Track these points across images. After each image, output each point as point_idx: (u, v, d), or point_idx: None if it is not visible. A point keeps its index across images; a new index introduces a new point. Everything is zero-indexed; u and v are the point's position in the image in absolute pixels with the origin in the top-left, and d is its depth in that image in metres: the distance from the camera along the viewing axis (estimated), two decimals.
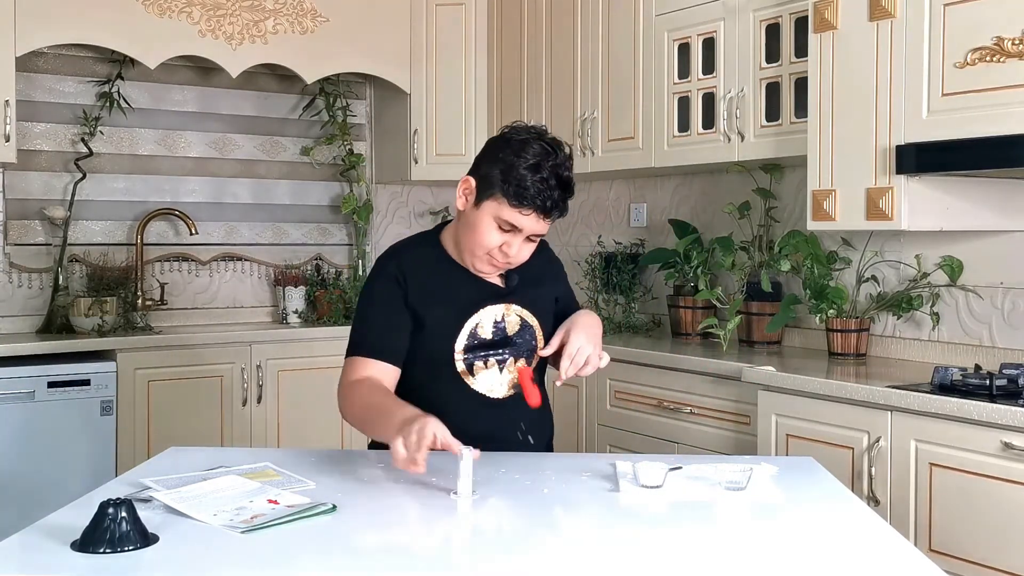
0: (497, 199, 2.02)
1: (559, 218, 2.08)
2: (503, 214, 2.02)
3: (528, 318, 2.17)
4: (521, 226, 2.03)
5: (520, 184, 1.99)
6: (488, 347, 2.12)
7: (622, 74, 3.94)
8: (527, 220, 2.02)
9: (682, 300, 3.89)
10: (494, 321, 2.13)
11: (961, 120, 2.66)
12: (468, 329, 2.11)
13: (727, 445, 3.16)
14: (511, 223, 2.03)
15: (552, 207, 2.01)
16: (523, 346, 2.15)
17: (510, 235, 2.05)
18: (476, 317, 2.12)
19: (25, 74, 4.17)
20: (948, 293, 3.21)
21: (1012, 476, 2.39)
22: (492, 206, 2.03)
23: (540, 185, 1.99)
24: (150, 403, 3.93)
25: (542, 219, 2.03)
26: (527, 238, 2.06)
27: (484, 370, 2.12)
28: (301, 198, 4.91)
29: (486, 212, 2.04)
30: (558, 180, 2.01)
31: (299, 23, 4.45)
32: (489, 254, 2.07)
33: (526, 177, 2.00)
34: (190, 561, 1.49)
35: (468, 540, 1.68)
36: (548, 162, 2.01)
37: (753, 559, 1.55)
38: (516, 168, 2.00)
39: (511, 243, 2.05)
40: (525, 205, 2.00)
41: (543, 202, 2.00)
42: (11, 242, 4.24)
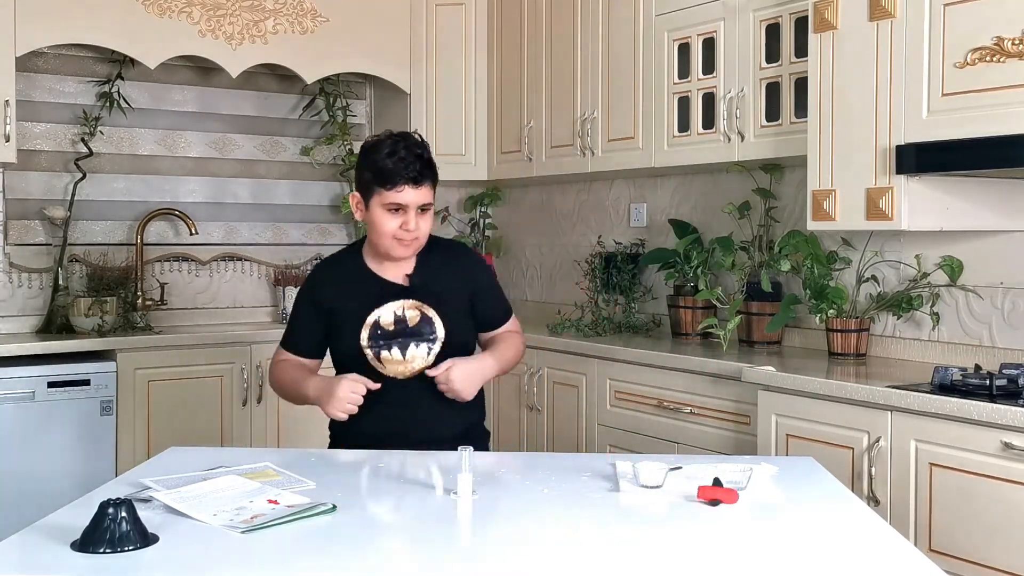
0: (377, 192, 2.38)
1: (434, 185, 2.42)
2: (386, 199, 2.37)
3: (428, 312, 2.47)
4: (405, 202, 2.37)
5: (384, 169, 2.36)
6: (390, 336, 2.44)
7: (622, 74, 3.94)
8: (405, 195, 2.36)
9: (682, 300, 3.89)
10: (395, 314, 2.45)
11: (961, 120, 2.66)
12: (371, 321, 2.45)
13: (727, 445, 3.16)
14: (395, 203, 2.37)
15: (418, 175, 2.36)
16: (423, 336, 2.45)
17: (402, 215, 2.38)
18: (378, 312, 2.45)
19: (25, 74, 4.17)
20: (948, 293, 3.21)
21: (1012, 476, 2.39)
22: (376, 200, 2.39)
23: (400, 164, 2.35)
24: (150, 403, 3.93)
25: (416, 188, 2.37)
26: (420, 211, 2.40)
27: (389, 357, 2.44)
28: (301, 198, 4.91)
29: (375, 207, 2.40)
30: (414, 155, 2.37)
31: (299, 23, 4.45)
32: (395, 237, 2.40)
33: (387, 162, 2.36)
34: (190, 561, 1.49)
35: (468, 540, 1.68)
36: (400, 145, 2.38)
37: (753, 559, 1.55)
38: (378, 162, 2.37)
39: (407, 221, 2.38)
40: (397, 182, 2.35)
41: (408, 173, 2.35)
42: (11, 242, 4.24)
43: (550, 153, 4.35)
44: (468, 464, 1.80)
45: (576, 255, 4.64)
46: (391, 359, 2.44)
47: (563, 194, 4.80)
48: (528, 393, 3.99)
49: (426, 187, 2.38)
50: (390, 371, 2.44)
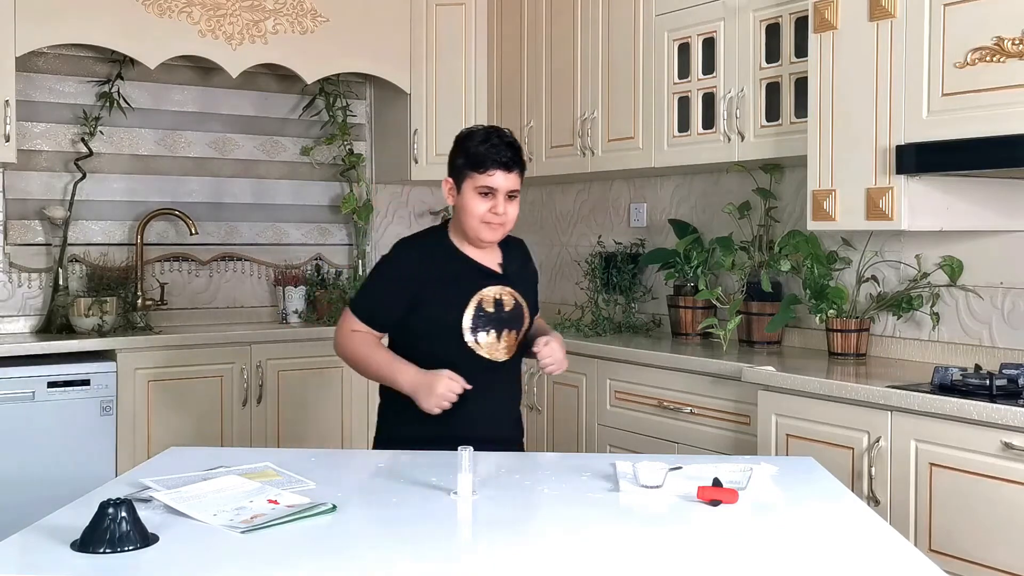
0: (469, 176, 2.50)
1: (522, 173, 2.53)
2: (477, 183, 2.48)
3: (519, 298, 2.59)
4: (495, 185, 2.48)
5: (477, 153, 2.48)
6: (489, 319, 2.52)
7: (622, 74, 3.94)
8: (496, 179, 2.47)
9: (682, 300, 3.89)
10: (494, 299, 2.54)
11: (961, 120, 2.66)
12: (475, 304, 2.51)
13: (727, 445, 3.16)
14: (487, 186, 2.48)
15: (509, 161, 2.48)
16: (517, 320, 2.56)
17: (492, 199, 2.49)
18: (480, 294, 2.52)
19: (25, 74, 4.17)
20: (948, 293, 3.21)
21: (1012, 476, 2.39)
22: (468, 184, 2.50)
23: (493, 150, 2.48)
24: (150, 403, 3.93)
25: (507, 174, 2.48)
26: (508, 197, 2.50)
27: (487, 339, 2.51)
28: (301, 198, 4.91)
29: (467, 191, 2.50)
30: (505, 143, 2.50)
31: (299, 23, 4.45)
32: (484, 220, 2.50)
33: (480, 148, 2.49)
34: (190, 561, 1.49)
35: (468, 540, 1.68)
36: (492, 134, 2.51)
37: (753, 559, 1.55)
38: (471, 148, 2.50)
39: (496, 204, 2.49)
40: (488, 166, 2.47)
41: (500, 158, 2.47)
42: (11, 242, 4.24)
43: (550, 153, 4.35)
44: (468, 464, 1.80)
45: (576, 255, 4.64)
46: (488, 341, 2.51)
47: (563, 194, 4.80)
48: (528, 393, 3.98)
49: (515, 174, 2.50)
50: (483, 352, 2.51)
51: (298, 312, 4.60)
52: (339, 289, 4.66)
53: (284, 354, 4.23)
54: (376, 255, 5.04)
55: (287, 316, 4.60)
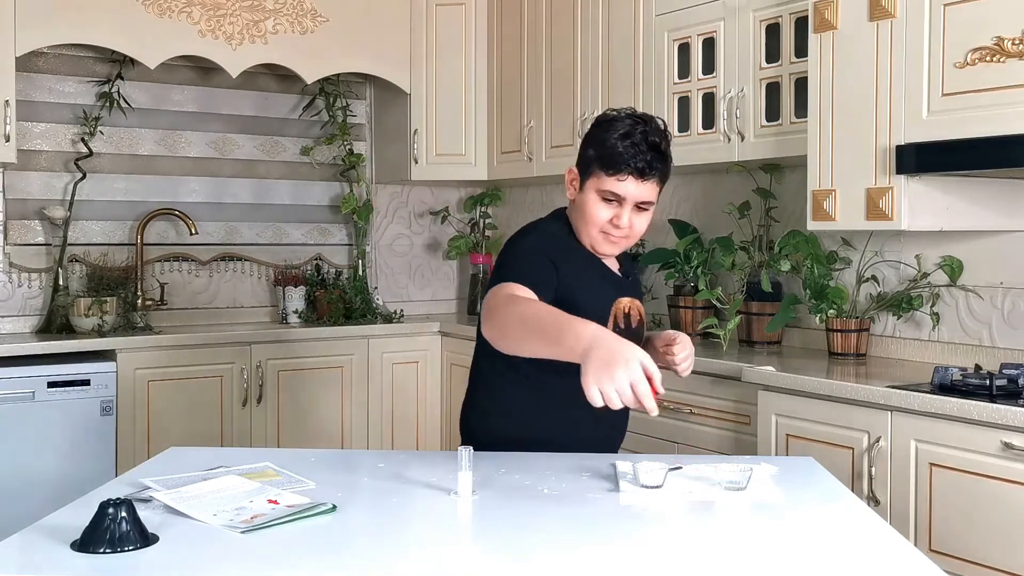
0: (596, 175, 2.11)
1: (662, 182, 2.14)
2: (603, 185, 2.10)
3: (642, 313, 2.27)
4: (623, 193, 2.10)
5: (611, 151, 2.08)
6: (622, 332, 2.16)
7: (622, 74, 3.94)
8: (626, 186, 2.09)
9: (682, 300, 3.89)
10: (624, 312, 2.22)
11: (961, 120, 2.66)
12: (612, 318, 2.18)
13: (727, 445, 3.16)
14: (613, 192, 2.10)
15: (646, 167, 2.08)
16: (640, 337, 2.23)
17: (616, 206, 2.12)
18: (616, 307, 2.20)
19: (25, 74, 4.17)
20: (948, 293, 3.21)
21: (1012, 476, 2.39)
22: (593, 183, 2.12)
23: (631, 149, 2.07)
24: (150, 403, 3.93)
25: (640, 182, 2.09)
26: (637, 207, 2.13)
27: None
28: (301, 198, 4.91)
29: (590, 190, 2.13)
30: (648, 144, 2.09)
31: (299, 23, 4.45)
32: (603, 231, 2.14)
33: (616, 145, 2.08)
34: (190, 561, 1.49)
35: (468, 540, 1.68)
36: (637, 129, 2.09)
37: (753, 559, 1.55)
38: (607, 140, 2.09)
39: (620, 214, 2.12)
40: (620, 170, 2.08)
41: (635, 163, 2.07)
42: (11, 242, 4.24)
43: (550, 153, 4.35)
44: (468, 463, 1.79)
45: None
46: None
47: (563, 194, 4.78)
48: None
49: (652, 182, 2.12)
50: None
51: (298, 312, 4.60)
52: (339, 289, 4.66)
53: (284, 354, 4.23)
54: (376, 255, 5.05)
55: (287, 316, 4.60)
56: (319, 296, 4.62)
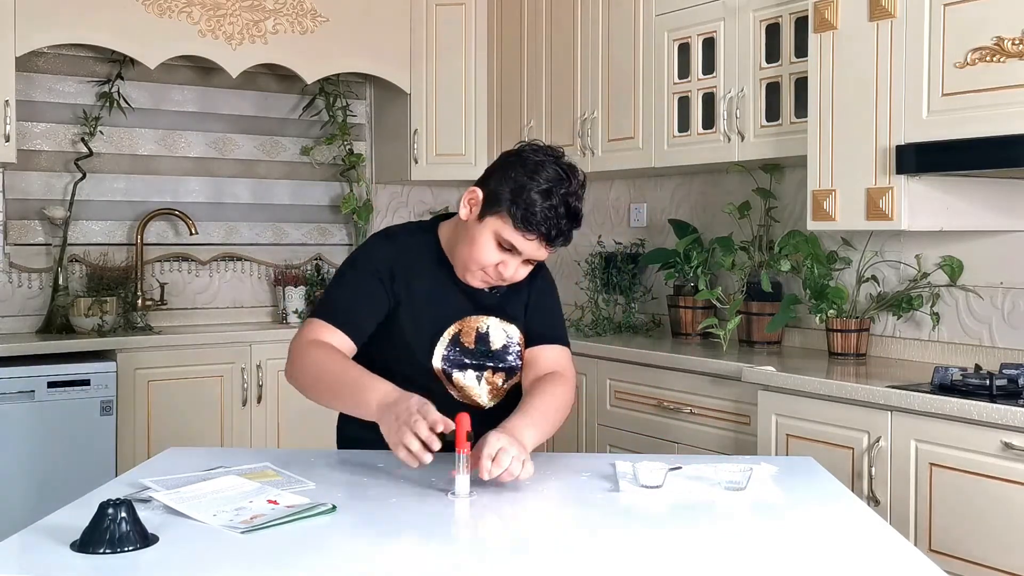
0: (502, 217, 1.97)
1: (563, 246, 2.02)
2: (505, 233, 1.98)
3: (513, 334, 2.14)
4: (522, 249, 1.99)
5: (528, 208, 1.94)
6: (468, 355, 2.09)
7: (622, 74, 3.94)
8: (529, 244, 1.98)
9: (682, 300, 3.89)
10: (476, 332, 2.10)
11: (961, 120, 2.66)
12: (450, 336, 2.09)
13: (727, 445, 3.16)
14: (512, 243, 1.99)
15: (557, 236, 1.97)
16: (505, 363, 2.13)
17: (508, 255, 2.01)
18: (458, 325, 2.09)
19: (25, 74, 4.17)
20: (948, 293, 3.21)
21: (1012, 476, 2.39)
22: (495, 223, 1.98)
23: (548, 212, 1.94)
24: (150, 403, 3.93)
25: (544, 246, 1.99)
26: (525, 261, 2.03)
27: (462, 381, 2.10)
28: (301, 198, 4.91)
29: (488, 228, 2.00)
30: (567, 209, 1.96)
31: (299, 23, 4.45)
32: (483, 270, 2.03)
33: (536, 202, 1.94)
34: (190, 561, 1.49)
35: (468, 540, 1.68)
36: (560, 189, 1.96)
37: (753, 559, 1.55)
38: (527, 190, 1.95)
39: (508, 263, 2.01)
40: (530, 230, 1.95)
41: (548, 230, 1.95)
42: (11, 242, 4.24)
43: None
44: (465, 467, 1.79)
45: (576, 255, 4.64)
46: (463, 384, 2.10)
47: None
48: None
49: (554, 249, 2.01)
50: (457, 395, 2.10)
51: (298, 312, 4.60)
52: None
53: (284, 354, 4.18)
54: None
55: (287, 316, 4.60)
56: (319, 296, 4.61)
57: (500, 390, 2.13)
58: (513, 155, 2.04)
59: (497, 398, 2.13)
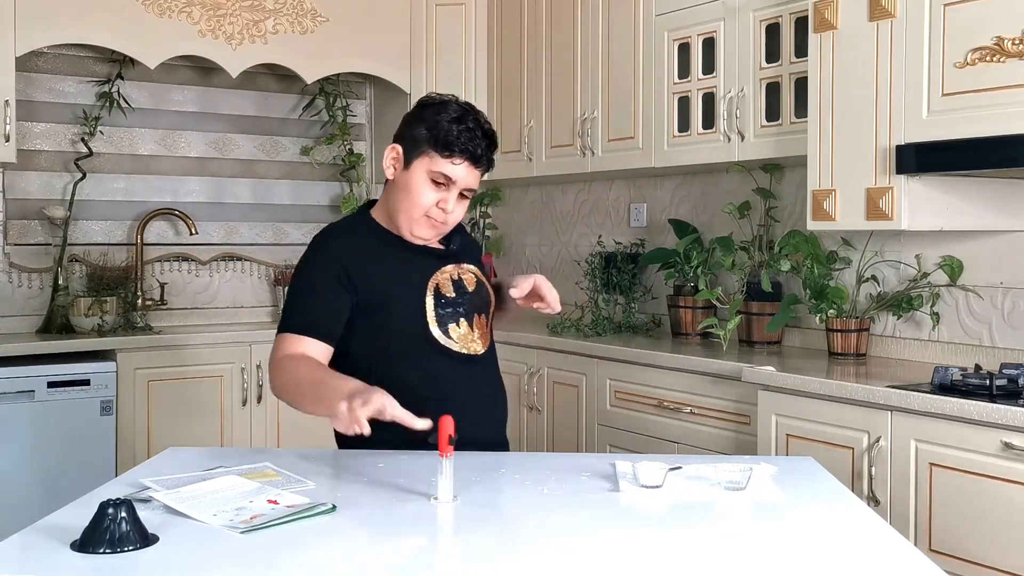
0: (427, 154, 2.08)
1: (487, 171, 2.16)
2: (435, 166, 2.08)
3: (479, 275, 2.27)
4: (454, 176, 2.09)
5: (447, 134, 2.06)
6: (456, 306, 2.17)
7: (622, 74, 3.94)
8: (459, 170, 2.09)
9: (682, 300, 3.89)
10: (451, 281, 2.19)
11: (961, 120, 2.66)
12: (432, 290, 2.16)
13: (727, 445, 3.16)
14: (444, 175, 2.09)
15: (481, 155, 2.10)
16: (484, 303, 2.24)
17: (445, 190, 2.10)
18: (434, 279, 2.17)
19: (25, 74, 4.17)
20: (948, 293, 3.21)
21: (1012, 476, 2.39)
22: (423, 163, 2.09)
23: (466, 133, 2.07)
24: (150, 403, 3.93)
25: (473, 167, 2.10)
26: (461, 195, 2.13)
27: (459, 331, 2.17)
28: (301, 198, 4.91)
29: (418, 170, 2.10)
30: (483, 131, 2.11)
31: (299, 23, 4.45)
32: (427, 215, 2.12)
33: (452, 128, 2.07)
34: (190, 561, 1.49)
35: (469, 540, 1.68)
36: (470, 115, 2.11)
37: (753, 559, 1.55)
38: (441, 122, 2.08)
39: (447, 198, 2.11)
40: (456, 153, 2.07)
41: (473, 148, 2.08)
42: (11, 242, 4.24)
43: (550, 153, 4.35)
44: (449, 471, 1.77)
45: (576, 255, 4.64)
46: (460, 334, 2.16)
47: (563, 194, 4.80)
48: (528, 393, 3.99)
49: (480, 171, 2.13)
50: (458, 347, 2.16)
51: None
52: None
53: None
54: None
55: None
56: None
57: (485, 332, 2.22)
58: (416, 107, 2.19)
59: (486, 341, 2.22)
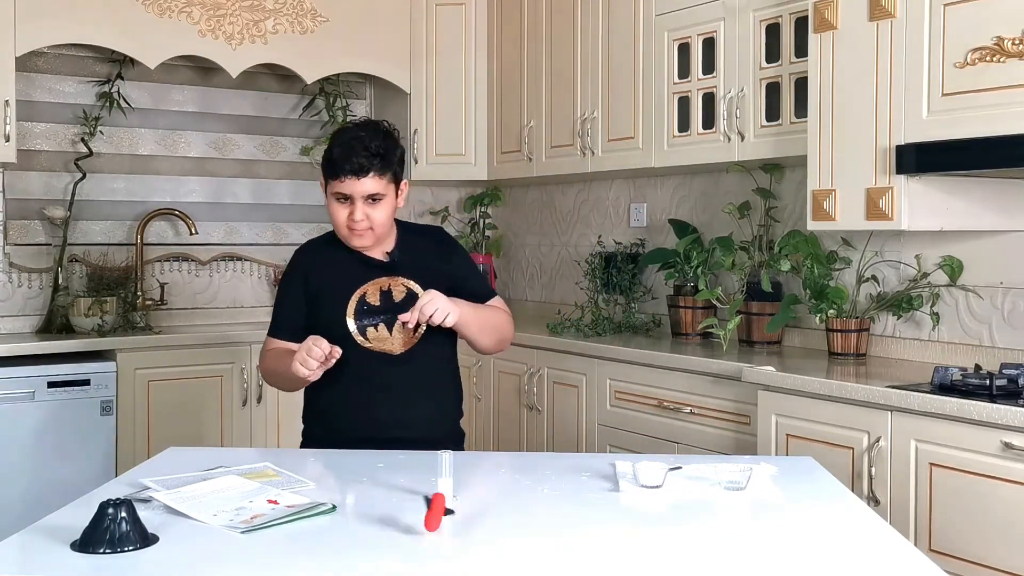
0: (328, 181, 2.42)
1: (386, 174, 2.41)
2: (332, 189, 2.41)
3: (415, 288, 2.49)
4: (350, 191, 2.38)
5: (331, 160, 2.39)
6: (377, 312, 2.46)
7: (622, 74, 3.94)
8: (349, 184, 2.37)
9: (682, 300, 3.89)
10: (380, 291, 2.47)
11: (961, 120, 2.66)
12: (357, 298, 2.46)
13: (727, 445, 3.16)
14: (340, 192, 2.39)
15: (359, 168, 2.36)
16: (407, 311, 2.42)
17: (349, 204, 2.40)
18: (363, 288, 2.47)
19: (25, 74, 4.17)
20: (948, 293, 3.21)
21: (1012, 476, 2.39)
22: (328, 188, 2.43)
23: (346, 154, 2.36)
24: (150, 403, 3.93)
25: (358, 179, 2.36)
26: (370, 201, 2.40)
27: (376, 333, 2.45)
28: (301, 198, 4.91)
29: (328, 195, 2.44)
30: (362, 146, 2.37)
31: (299, 23, 4.45)
32: (347, 227, 2.42)
33: (334, 151, 2.39)
34: (190, 561, 1.49)
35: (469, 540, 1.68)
36: (352, 135, 2.41)
37: (753, 559, 1.55)
38: (330, 152, 2.41)
39: (353, 210, 2.39)
40: (338, 174, 2.37)
41: (350, 166, 2.36)
42: (11, 242, 4.24)
43: (550, 153, 4.35)
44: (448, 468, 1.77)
45: (576, 255, 4.64)
46: (377, 336, 2.45)
47: (563, 194, 4.80)
48: (528, 393, 3.99)
49: (371, 178, 2.38)
50: (373, 346, 2.46)
51: None
52: None
53: None
54: None
55: None
56: None
57: (411, 338, 2.47)
58: None
59: (407, 345, 2.47)
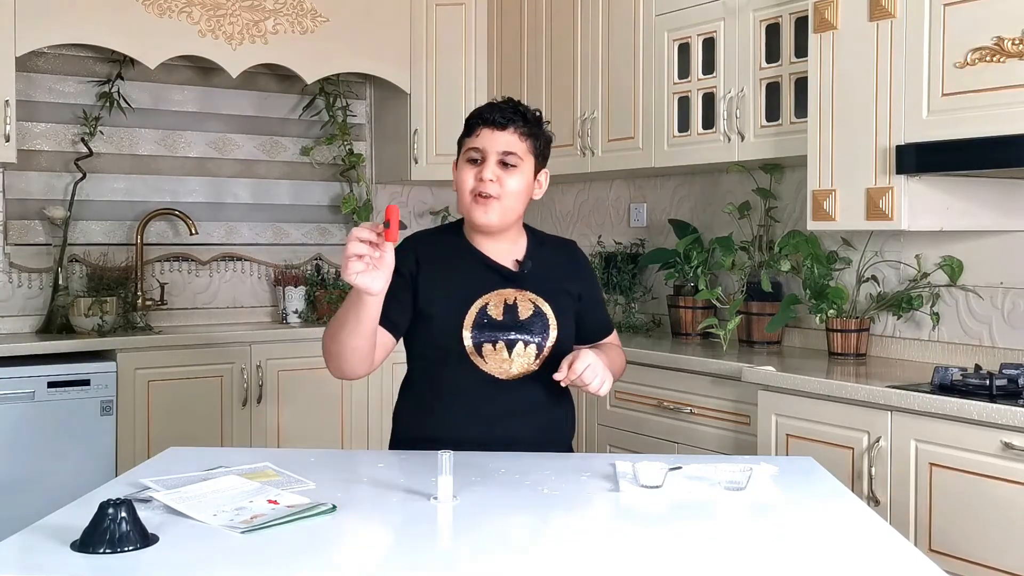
0: (462, 146, 2.19)
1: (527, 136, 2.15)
2: (466, 147, 2.16)
3: (542, 306, 2.20)
4: (481, 146, 2.13)
5: (469, 119, 2.18)
6: (498, 328, 2.15)
7: (622, 74, 3.94)
8: (485, 137, 2.13)
9: (682, 300, 3.89)
10: (505, 303, 2.17)
11: (961, 120, 2.66)
12: (478, 307, 2.15)
13: (727, 445, 3.16)
14: (473, 148, 2.14)
15: (500, 117, 2.12)
16: (535, 332, 2.18)
17: (480, 165, 2.14)
18: (487, 297, 2.16)
19: (25, 74, 4.17)
20: (948, 293, 3.21)
21: (1012, 476, 2.39)
22: (461, 156, 2.18)
23: (488, 108, 2.16)
24: (150, 403, 3.93)
25: (495, 131, 2.13)
26: (501, 163, 2.13)
27: (493, 352, 2.16)
28: (301, 198, 4.91)
29: (460, 164, 2.18)
30: (507, 101, 2.17)
31: (299, 23, 4.45)
32: (472, 193, 2.13)
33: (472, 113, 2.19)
34: (190, 561, 1.49)
35: (469, 540, 1.68)
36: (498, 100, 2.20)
37: (753, 559, 1.55)
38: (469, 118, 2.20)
39: (484, 168, 2.12)
40: (475, 128, 2.15)
41: (490, 114, 2.13)
42: (11, 242, 4.24)
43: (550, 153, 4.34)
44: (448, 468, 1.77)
45: None
46: (494, 354, 2.14)
47: (563, 194, 4.80)
48: None
49: (510, 133, 2.12)
50: (489, 368, 2.16)
51: (298, 312, 4.60)
52: (339, 289, 4.66)
53: (284, 354, 4.23)
54: None
55: (287, 316, 4.60)
56: (319, 296, 4.62)
57: (529, 366, 2.18)
58: None
59: (525, 370, 2.18)
